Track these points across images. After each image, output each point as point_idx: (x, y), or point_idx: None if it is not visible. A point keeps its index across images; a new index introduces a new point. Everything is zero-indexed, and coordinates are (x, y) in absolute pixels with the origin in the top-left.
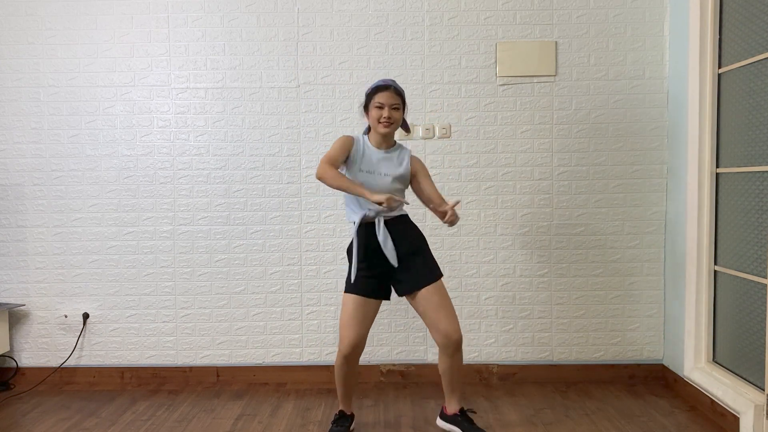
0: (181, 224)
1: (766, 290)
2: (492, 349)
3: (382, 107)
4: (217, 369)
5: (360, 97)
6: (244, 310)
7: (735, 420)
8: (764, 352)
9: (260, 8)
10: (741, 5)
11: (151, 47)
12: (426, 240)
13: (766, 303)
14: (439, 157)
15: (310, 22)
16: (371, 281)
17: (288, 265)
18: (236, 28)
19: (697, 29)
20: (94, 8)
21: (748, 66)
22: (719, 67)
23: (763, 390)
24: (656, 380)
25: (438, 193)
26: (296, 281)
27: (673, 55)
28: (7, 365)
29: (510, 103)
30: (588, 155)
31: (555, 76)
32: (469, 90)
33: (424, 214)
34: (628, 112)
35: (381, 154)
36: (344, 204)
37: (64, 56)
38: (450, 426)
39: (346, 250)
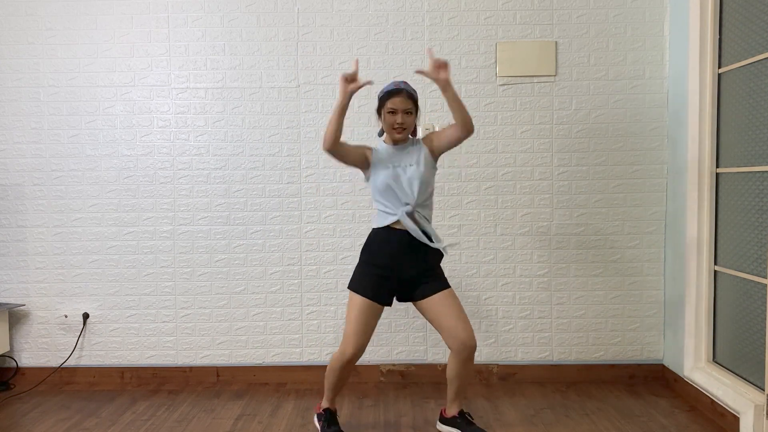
0: (181, 224)
1: (766, 290)
2: (492, 349)
3: (395, 112)
4: (217, 369)
5: (360, 98)
6: (244, 310)
7: (735, 420)
8: (764, 352)
9: (260, 8)
10: (741, 5)
11: (151, 47)
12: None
13: (766, 303)
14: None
15: (310, 22)
16: (384, 288)
17: (288, 265)
18: (236, 28)
19: (697, 29)
20: (94, 8)
21: (748, 66)
22: (719, 67)
23: (763, 390)
24: (656, 380)
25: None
26: (296, 281)
27: (673, 55)
28: (7, 365)
29: (510, 103)
30: (588, 155)
31: (555, 76)
32: (469, 90)
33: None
34: (628, 112)
35: (400, 149)
36: (372, 207)
37: (64, 56)
38: (449, 429)
39: (361, 249)
